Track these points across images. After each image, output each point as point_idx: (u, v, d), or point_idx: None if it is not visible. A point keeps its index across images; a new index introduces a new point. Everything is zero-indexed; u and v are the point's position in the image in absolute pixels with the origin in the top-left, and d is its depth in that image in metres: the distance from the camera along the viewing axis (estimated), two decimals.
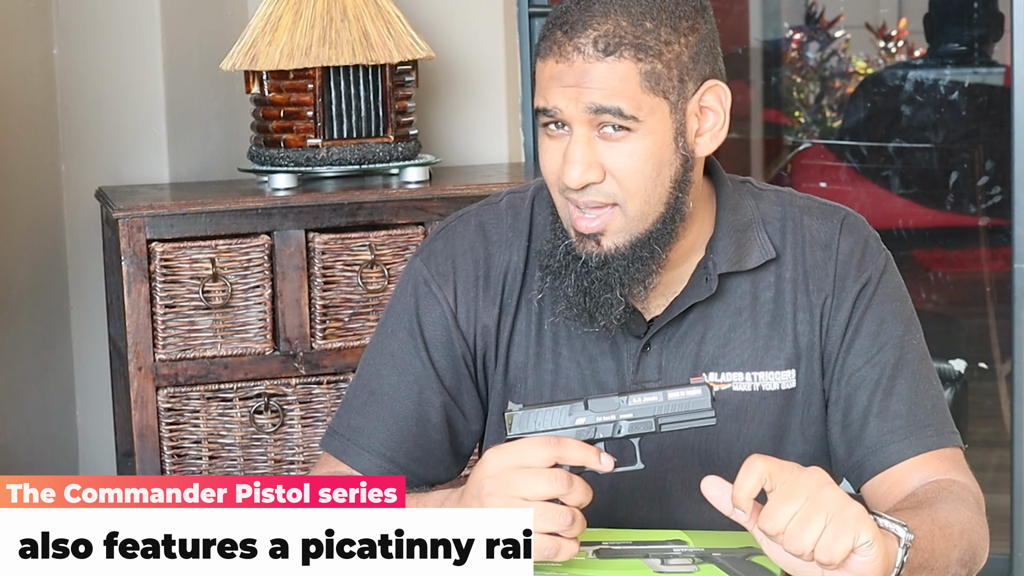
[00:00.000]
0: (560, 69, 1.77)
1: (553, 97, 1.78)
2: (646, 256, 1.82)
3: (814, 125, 5.29)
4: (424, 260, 1.95)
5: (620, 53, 1.76)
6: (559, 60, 1.78)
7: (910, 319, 1.92)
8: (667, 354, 1.88)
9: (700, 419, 1.68)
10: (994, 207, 4.61)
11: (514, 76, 3.53)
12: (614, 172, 1.78)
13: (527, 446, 1.64)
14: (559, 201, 1.83)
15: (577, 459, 1.64)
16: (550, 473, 1.63)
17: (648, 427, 1.68)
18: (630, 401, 1.68)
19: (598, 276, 1.81)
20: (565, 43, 1.77)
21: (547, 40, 1.80)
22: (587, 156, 1.78)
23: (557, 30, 1.79)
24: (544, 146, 1.82)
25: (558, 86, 1.78)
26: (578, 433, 1.68)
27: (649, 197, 1.80)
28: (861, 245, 1.91)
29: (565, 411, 1.69)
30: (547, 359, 1.91)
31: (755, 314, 1.89)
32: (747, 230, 1.90)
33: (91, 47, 3.30)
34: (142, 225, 2.92)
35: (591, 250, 1.81)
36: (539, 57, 1.81)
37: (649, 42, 1.77)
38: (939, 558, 1.69)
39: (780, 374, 1.89)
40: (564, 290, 1.84)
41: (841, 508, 1.55)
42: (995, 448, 4.18)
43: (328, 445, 1.95)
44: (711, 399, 1.67)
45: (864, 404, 1.87)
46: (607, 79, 1.76)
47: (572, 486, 1.63)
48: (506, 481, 1.63)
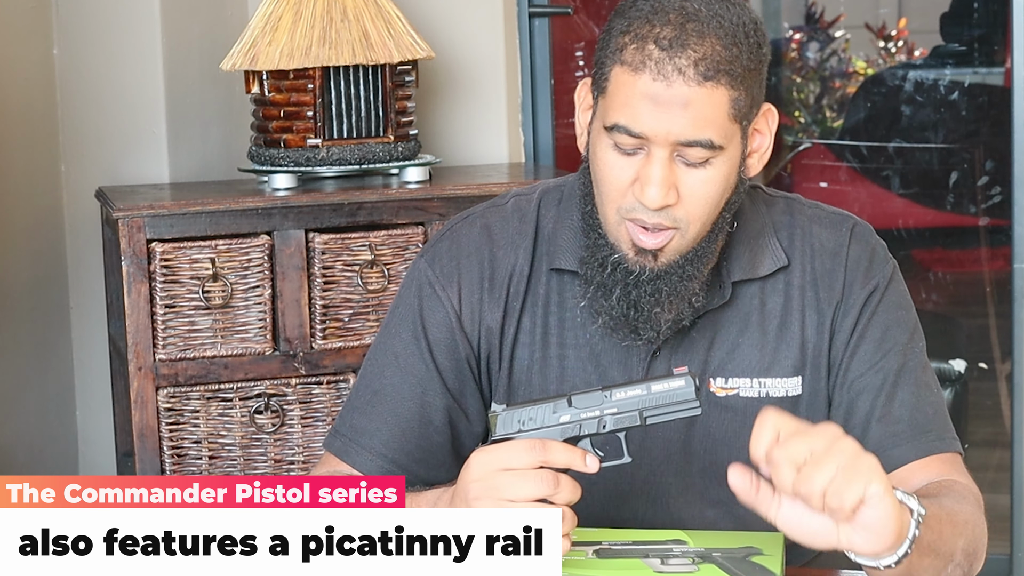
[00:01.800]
0: (657, 88, 1.72)
1: (644, 118, 1.73)
2: (693, 274, 1.82)
3: (814, 125, 5.29)
4: (429, 261, 1.95)
5: (718, 80, 1.73)
6: (656, 78, 1.72)
7: (914, 327, 1.92)
8: (676, 360, 1.88)
9: (685, 410, 1.66)
10: (994, 207, 4.61)
11: (514, 76, 3.53)
12: (687, 197, 1.77)
13: (511, 449, 1.63)
14: (614, 219, 1.80)
15: (562, 462, 1.63)
16: (536, 474, 1.62)
17: (633, 421, 1.66)
18: (613, 395, 1.67)
19: (647, 291, 1.81)
20: (664, 61, 1.72)
21: (638, 53, 1.74)
22: (668, 179, 1.75)
23: (651, 44, 1.73)
24: (610, 161, 1.78)
25: (652, 106, 1.73)
26: (563, 431, 1.67)
27: (709, 221, 1.80)
28: (869, 253, 1.92)
29: (549, 409, 1.68)
30: (553, 363, 1.91)
31: (763, 321, 1.89)
32: (759, 238, 1.90)
33: (91, 47, 3.30)
34: (142, 225, 2.92)
35: (646, 264, 1.80)
36: (624, 68, 1.75)
37: (738, 68, 1.74)
38: (946, 542, 1.69)
39: (787, 381, 1.89)
40: (610, 302, 1.82)
41: (855, 457, 1.53)
42: (995, 448, 4.18)
43: (330, 445, 1.95)
44: (695, 389, 1.66)
45: (867, 409, 1.87)
46: (704, 107, 1.73)
47: (559, 486, 1.62)
48: (492, 484, 1.62)
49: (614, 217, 1.80)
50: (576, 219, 1.90)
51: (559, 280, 1.91)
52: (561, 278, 1.91)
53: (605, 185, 1.80)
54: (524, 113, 3.55)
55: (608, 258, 1.82)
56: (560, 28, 3.94)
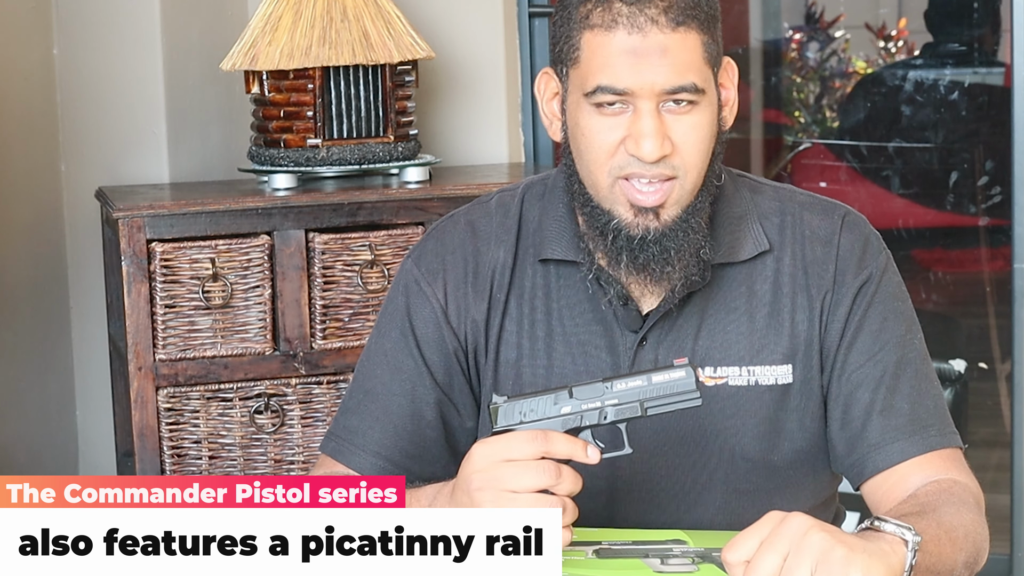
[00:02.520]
0: (633, 41, 1.74)
1: (625, 74, 1.74)
2: (696, 226, 1.82)
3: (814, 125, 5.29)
4: (415, 261, 1.96)
5: (688, 24, 1.75)
6: (631, 32, 1.74)
7: (911, 319, 1.92)
8: (663, 348, 1.88)
9: (686, 400, 1.67)
10: (994, 207, 4.61)
11: (514, 76, 3.53)
12: (680, 145, 1.78)
13: (514, 440, 1.64)
14: (606, 183, 1.80)
15: (564, 452, 1.64)
16: (538, 465, 1.62)
17: (634, 412, 1.67)
18: (614, 387, 1.67)
19: (655, 252, 1.80)
20: (636, 14, 1.74)
21: (605, 12, 1.75)
22: (660, 129, 1.76)
23: (616, 2, 1.74)
24: (594, 126, 1.78)
25: (632, 59, 1.74)
26: (564, 422, 1.67)
27: (702, 169, 1.81)
28: (862, 243, 1.91)
29: (550, 400, 1.68)
30: (540, 354, 1.91)
31: (751, 308, 1.89)
32: (741, 221, 1.90)
33: (91, 47, 3.30)
34: (142, 225, 2.92)
35: (648, 224, 1.80)
36: (595, 31, 1.76)
37: (703, 14, 1.77)
38: (946, 561, 1.69)
39: (776, 368, 1.89)
40: (618, 272, 1.82)
41: (827, 553, 1.53)
42: (995, 448, 4.18)
43: (326, 447, 1.96)
44: (696, 380, 1.66)
45: (866, 402, 1.87)
46: (681, 52, 1.74)
47: (561, 476, 1.62)
48: (494, 475, 1.62)
49: (606, 180, 1.80)
50: (561, 210, 1.91)
51: (545, 271, 1.92)
52: (547, 269, 1.91)
53: (593, 151, 1.80)
54: (524, 113, 3.55)
55: (608, 225, 1.81)
56: None
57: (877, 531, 1.62)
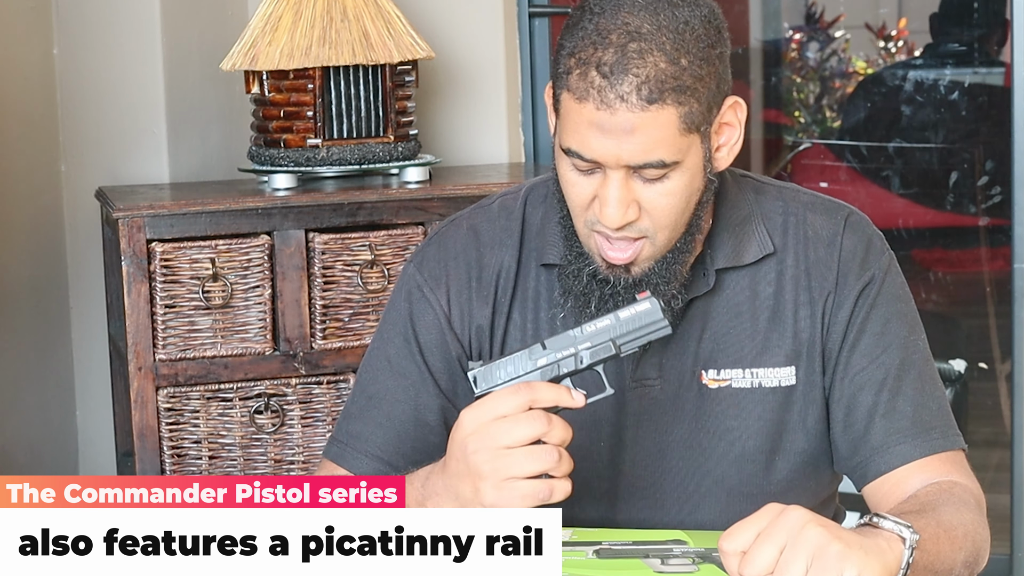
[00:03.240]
0: (601, 117, 1.72)
1: (592, 145, 1.73)
2: (670, 276, 1.82)
3: (814, 125, 5.29)
4: (417, 265, 1.96)
5: (663, 100, 1.71)
6: (599, 107, 1.71)
7: (914, 320, 1.92)
8: (667, 351, 1.88)
9: (656, 331, 1.69)
10: (994, 207, 4.62)
11: (514, 76, 3.53)
12: (649, 210, 1.77)
13: (499, 397, 1.66)
14: (583, 231, 1.81)
15: (550, 399, 1.65)
16: (527, 416, 1.64)
17: (608, 351, 1.69)
18: (584, 330, 1.70)
19: (624, 298, 1.80)
20: (606, 89, 1.71)
21: (581, 80, 1.73)
22: (625, 198, 1.75)
23: (593, 71, 1.72)
24: (570, 179, 1.78)
25: (598, 134, 1.73)
26: (543, 374, 1.69)
27: (678, 226, 1.80)
28: (864, 243, 1.91)
29: (525, 356, 1.70)
30: None
31: (754, 310, 1.89)
32: (745, 225, 1.89)
33: (91, 47, 3.30)
34: (142, 225, 2.92)
35: (620, 275, 1.81)
36: (570, 94, 1.74)
37: (686, 81, 1.72)
38: (944, 560, 1.69)
39: (779, 371, 1.89)
40: (589, 311, 1.82)
41: (823, 547, 1.53)
42: (995, 448, 4.18)
43: (328, 452, 1.96)
44: (660, 308, 1.69)
45: (869, 404, 1.87)
46: (650, 130, 1.72)
47: (551, 424, 1.64)
48: (486, 433, 1.64)
49: (583, 229, 1.81)
50: (563, 214, 1.91)
51: (548, 276, 1.91)
52: (550, 273, 1.91)
53: (571, 199, 1.81)
54: (524, 113, 3.55)
55: (584, 269, 1.83)
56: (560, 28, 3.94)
57: (875, 527, 1.62)
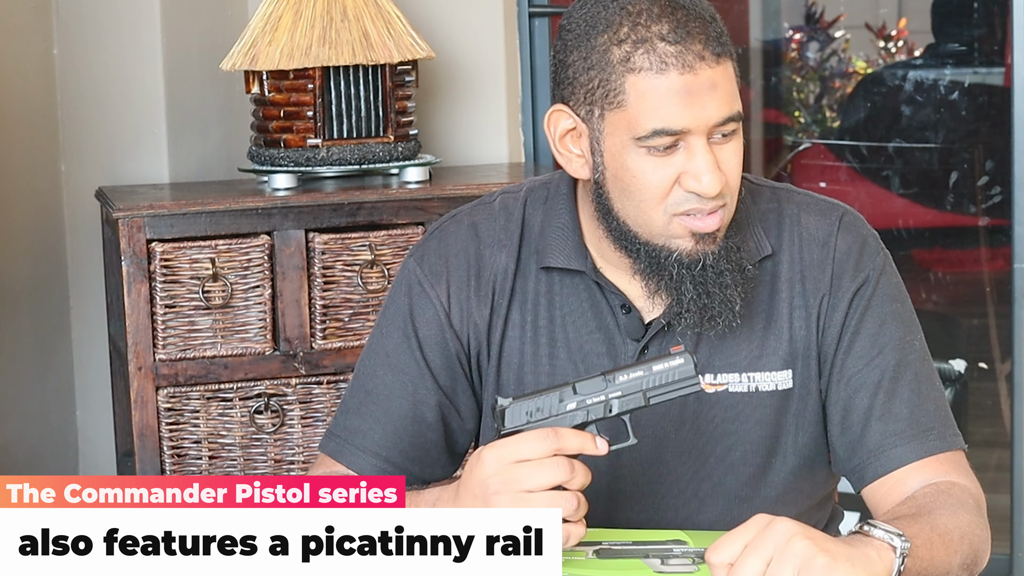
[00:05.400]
0: (687, 81, 1.74)
1: (681, 114, 1.74)
2: (739, 244, 1.84)
3: (814, 125, 5.29)
4: (418, 260, 1.95)
5: (725, 52, 1.77)
6: (683, 72, 1.73)
7: (910, 320, 1.91)
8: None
9: (687, 387, 1.68)
10: (994, 207, 4.61)
11: (514, 76, 3.53)
12: (727, 172, 1.79)
13: (525, 441, 1.65)
14: (661, 221, 1.80)
15: (575, 447, 1.65)
16: (552, 462, 1.64)
17: (638, 402, 1.68)
18: (617, 379, 1.69)
19: (713, 273, 1.81)
20: (683, 53, 1.74)
21: (649, 53, 1.74)
22: (715, 164, 1.77)
23: (658, 41, 1.74)
24: (646, 168, 1.78)
25: (686, 99, 1.74)
26: (571, 418, 1.68)
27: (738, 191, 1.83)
28: (859, 244, 1.90)
29: (555, 398, 1.69)
30: (543, 361, 1.91)
31: (750, 314, 1.88)
32: (742, 228, 1.89)
33: (91, 47, 3.30)
34: (142, 225, 2.92)
35: (707, 249, 1.80)
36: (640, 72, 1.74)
37: (725, 37, 1.78)
38: (939, 565, 1.68)
39: (776, 374, 1.88)
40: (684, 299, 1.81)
41: (810, 560, 1.54)
42: (995, 448, 4.18)
43: (325, 447, 1.96)
44: (694, 365, 1.68)
45: (865, 406, 1.86)
46: (726, 82, 1.76)
47: (574, 471, 1.64)
48: (510, 477, 1.64)
49: (661, 219, 1.79)
50: (565, 218, 1.90)
51: (548, 278, 1.91)
52: (550, 276, 1.91)
53: (646, 191, 1.79)
54: (524, 113, 3.55)
55: (669, 259, 1.81)
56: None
57: (866, 536, 1.62)
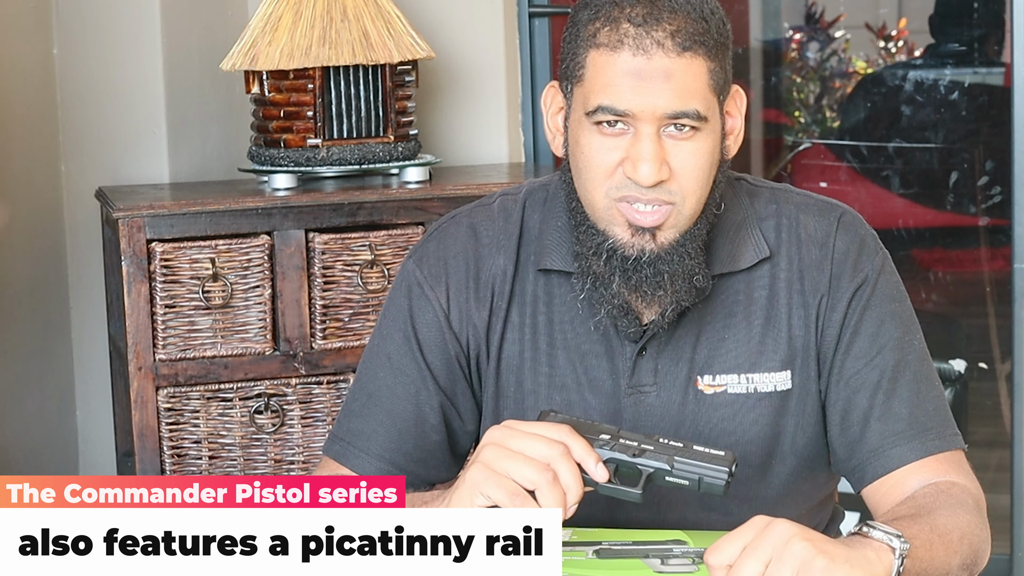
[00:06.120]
0: (638, 63, 1.73)
1: (628, 95, 1.74)
2: (691, 252, 1.81)
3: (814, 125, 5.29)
4: (417, 262, 1.95)
5: (695, 50, 1.74)
6: (636, 53, 1.73)
7: (909, 320, 1.91)
8: (663, 357, 1.88)
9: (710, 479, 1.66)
10: (994, 207, 4.61)
11: (514, 76, 3.53)
12: (678, 171, 1.77)
13: (538, 424, 1.65)
14: (603, 203, 1.79)
15: (580, 454, 1.64)
16: (549, 441, 1.62)
17: (662, 462, 1.66)
18: (659, 440, 1.67)
19: (648, 273, 1.80)
20: (642, 35, 1.73)
21: (613, 33, 1.74)
22: (658, 154, 1.75)
23: (625, 23, 1.74)
24: (594, 144, 1.77)
25: (635, 82, 1.73)
26: (599, 443, 1.67)
27: (701, 197, 1.80)
28: (857, 244, 1.90)
29: (597, 428, 1.68)
30: (542, 362, 1.91)
31: (749, 315, 1.88)
32: (740, 229, 1.89)
33: (91, 47, 3.30)
34: (142, 225, 2.92)
35: (644, 244, 1.79)
36: (600, 50, 1.75)
37: (711, 40, 1.75)
38: (938, 566, 1.68)
39: (775, 375, 1.88)
40: (610, 291, 1.81)
41: (808, 562, 1.54)
42: (995, 448, 4.18)
43: (329, 450, 1.96)
44: (729, 473, 1.65)
45: (864, 407, 1.86)
46: (685, 77, 1.73)
47: (566, 462, 1.62)
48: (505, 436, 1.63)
49: (603, 201, 1.79)
50: (562, 219, 1.90)
51: (547, 280, 1.91)
52: (548, 278, 1.91)
53: (591, 169, 1.79)
54: (524, 113, 3.55)
55: (602, 245, 1.80)
56: (560, 28, 3.94)
57: (865, 537, 1.62)
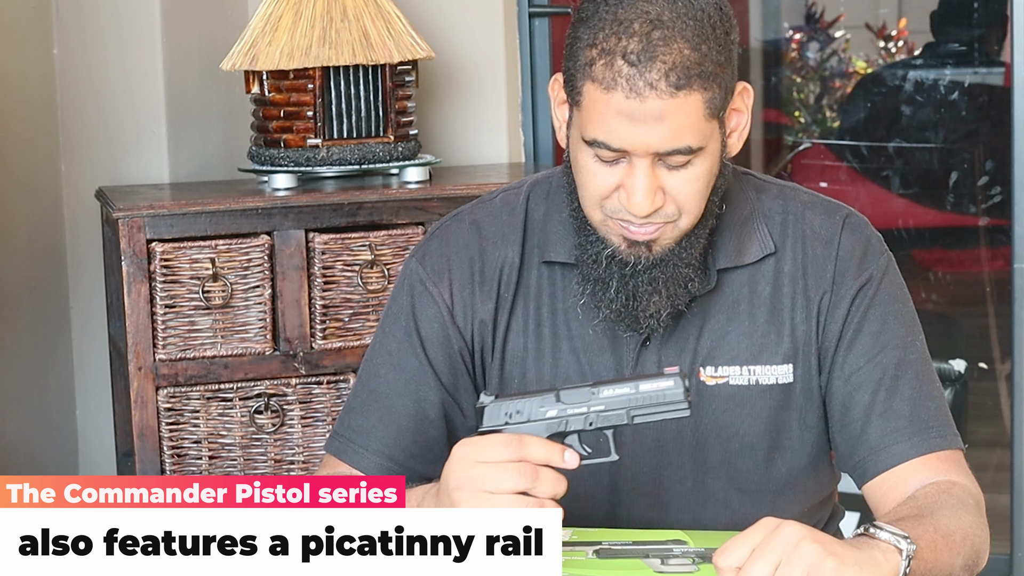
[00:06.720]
0: (630, 105, 1.72)
1: (621, 135, 1.73)
2: (687, 259, 1.83)
3: (814, 125, 5.29)
4: (419, 260, 1.96)
5: (690, 86, 1.72)
6: (629, 96, 1.72)
7: (912, 321, 1.92)
8: (666, 349, 1.89)
9: (673, 411, 1.65)
10: (994, 207, 4.61)
11: (514, 76, 3.53)
12: (675, 196, 1.78)
13: (490, 444, 1.63)
14: (598, 218, 1.81)
15: (540, 458, 1.63)
16: (515, 467, 1.61)
17: (620, 419, 1.66)
18: (602, 393, 1.66)
19: (644, 279, 1.82)
20: (635, 77, 1.71)
21: (607, 70, 1.73)
22: (652, 186, 1.76)
23: (619, 60, 1.72)
24: (591, 169, 1.78)
25: (627, 123, 1.73)
26: (548, 426, 1.66)
27: (698, 211, 1.81)
28: (863, 244, 1.91)
29: (536, 403, 1.67)
30: (546, 354, 1.91)
31: (752, 308, 1.89)
32: (746, 224, 1.90)
33: (91, 47, 3.30)
34: (142, 225, 2.92)
35: (640, 254, 1.81)
36: (595, 85, 1.74)
37: (709, 67, 1.73)
38: (942, 567, 1.69)
39: (777, 368, 1.89)
40: (608, 295, 1.83)
41: (818, 564, 1.54)
42: (995, 448, 4.18)
43: (330, 447, 1.96)
44: (684, 390, 1.64)
45: (866, 403, 1.87)
46: (679, 116, 1.73)
47: (538, 479, 1.62)
48: (471, 475, 1.62)
49: (599, 216, 1.81)
50: (566, 212, 1.91)
51: (551, 272, 1.92)
52: (553, 270, 1.92)
53: (587, 189, 1.80)
54: (524, 113, 3.55)
55: (601, 253, 1.83)
56: (560, 28, 3.94)
57: (872, 538, 1.62)
